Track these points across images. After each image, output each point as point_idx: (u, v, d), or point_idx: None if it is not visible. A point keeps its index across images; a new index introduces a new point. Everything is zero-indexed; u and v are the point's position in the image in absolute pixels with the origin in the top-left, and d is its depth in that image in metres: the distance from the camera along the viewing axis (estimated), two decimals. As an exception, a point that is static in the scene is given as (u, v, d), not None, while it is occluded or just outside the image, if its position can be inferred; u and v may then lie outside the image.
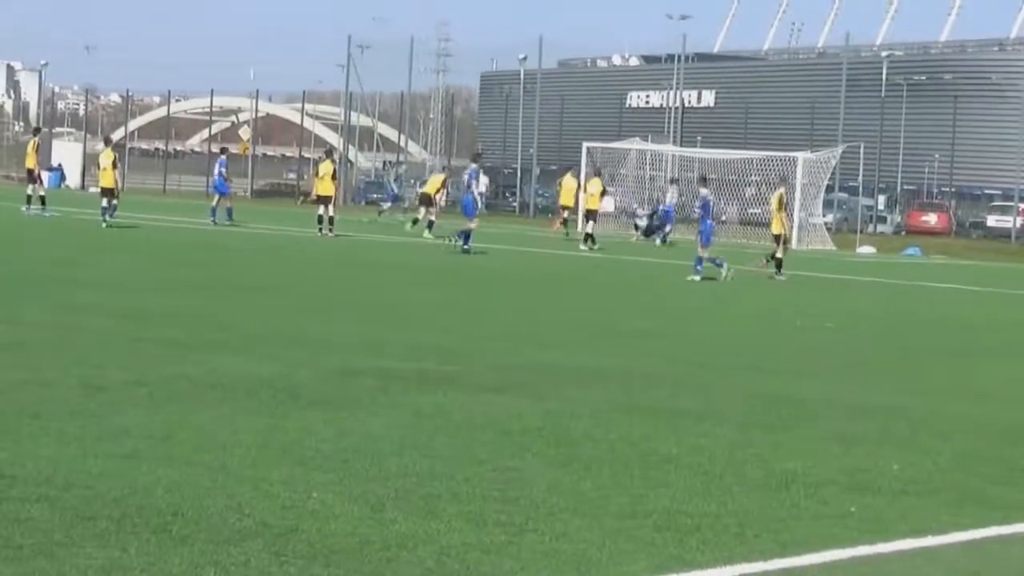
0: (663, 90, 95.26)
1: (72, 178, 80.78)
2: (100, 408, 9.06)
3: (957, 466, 9.05)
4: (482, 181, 34.87)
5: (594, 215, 41.69)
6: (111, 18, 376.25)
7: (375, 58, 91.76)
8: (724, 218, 54.58)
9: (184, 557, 5.79)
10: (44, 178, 44.73)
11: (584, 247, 38.61)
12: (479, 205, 32.93)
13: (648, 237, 48.91)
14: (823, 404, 11.51)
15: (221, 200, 40.55)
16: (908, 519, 7.39)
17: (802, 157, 52.88)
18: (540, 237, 45.60)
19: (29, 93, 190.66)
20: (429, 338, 14.42)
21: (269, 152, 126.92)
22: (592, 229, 40.01)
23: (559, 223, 46.45)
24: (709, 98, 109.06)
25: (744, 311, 22.25)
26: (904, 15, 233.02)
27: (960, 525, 7.34)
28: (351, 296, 20.17)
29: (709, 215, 29.35)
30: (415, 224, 40.54)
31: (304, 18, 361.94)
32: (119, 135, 69.32)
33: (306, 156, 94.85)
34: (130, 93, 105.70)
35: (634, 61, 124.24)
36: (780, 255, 30.21)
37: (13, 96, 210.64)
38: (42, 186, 39.61)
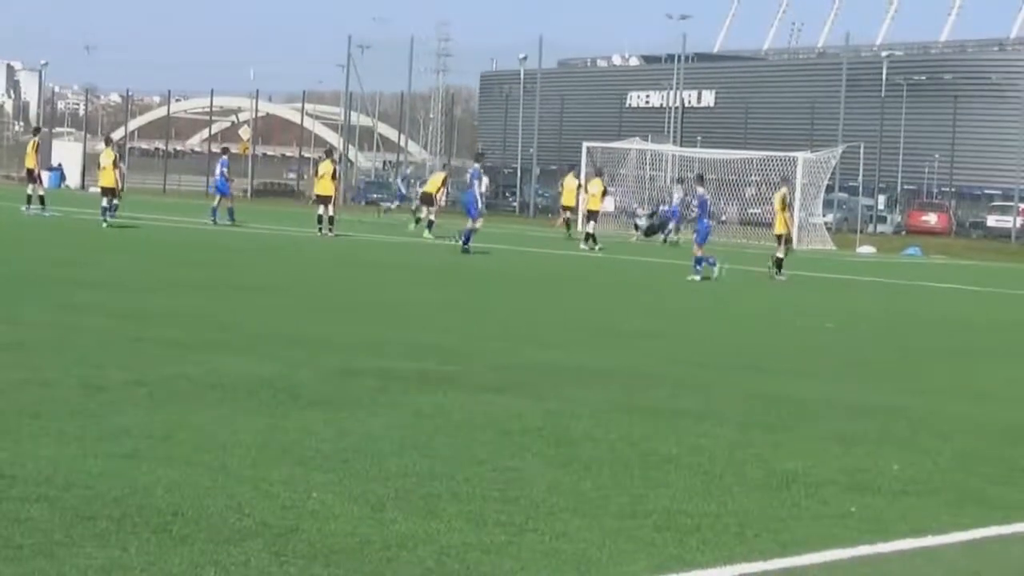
0: (663, 90, 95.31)
1: (72, 178, 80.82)
2: (100, 408, 9.06)
3: (957, 466, 9.05)
4: (483, 181, 34.81)
5: (595, 215, 41.77)
6: (111, 18, 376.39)
7: (375, 58, 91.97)
8: (724, 218, 54.60)
9: (184, 557, 5.79)
10: (44, 178, 44.75)
11: (584, 246, 38.63)
12: (480, 204, 32.87)
13: (649, 237, 48.91)
14: (823, 404, 11.51)
15: (222, 200, 40.53)
16: (908, 519, 7.39)
17: (802, 157, 52.89)
18: (540, 237, 45.59)
19: (29, 93, 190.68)
20: (429, 338, 14.41)
21: (269, 152, 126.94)
22: (593, 229, 40.05)
23: (561, 221, 46.48)
24: (709, 98, 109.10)
25: (744, 311, 22.25)
26: (904, 15, 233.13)
27: (960, 525, 7.34)
28: (351, 296, 20.17)
29: (706, 214, 29.39)
30: (418, 224, 40.56)
31: (304, 18, 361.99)
32: (119, 135, 69.26)
33: (306, 156, 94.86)
34: (130, 93, 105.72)
35: (634, 61, 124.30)
36: (781, 255, 30.21)
37: (13, 96, 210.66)
38: (41, 186, 39.58)
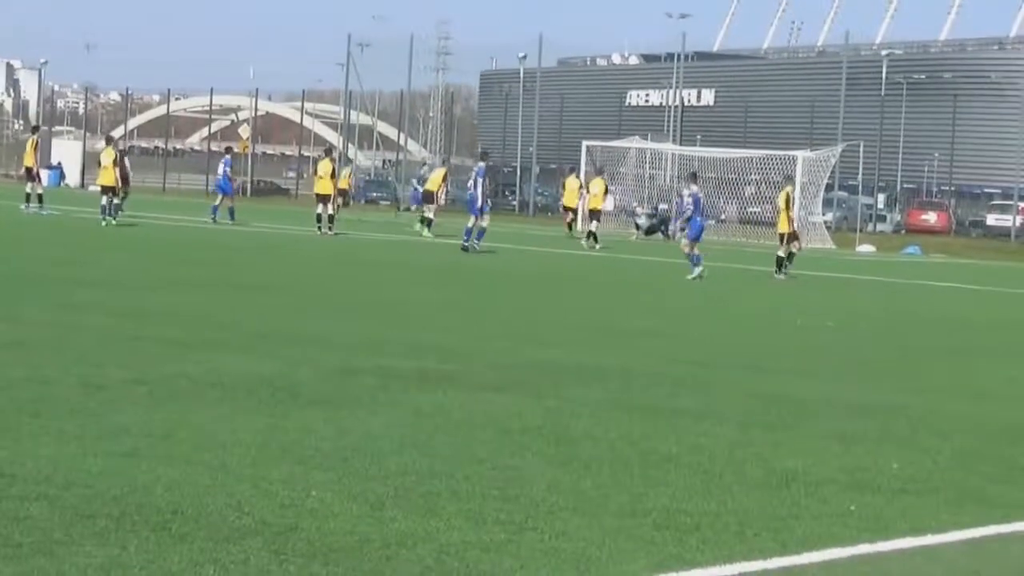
0: (663, 89, 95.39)
1: (72, 176, 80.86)
2: (100, 406, 9.06)
3: (957, 465, 9.05)
4: (484, 181, 34.83)
5: (598, 214, 41.84)
6: (111, 17, 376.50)
7: (375, 56, 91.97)
8: (724, 217, 54.64)
9: (184, 555, 5.79)
10: (43, 176, 44.74)
11: (585, 243, 38.67)
12: (480, 203, 32.82)
13: (649, 236, 48.94)
14: (823, 403, 11.50)
15: (224, 199, 40.52)
16: (908, 517, 7.38)
17: (802, 156, 52.93)
18: (540, 236, 45.60)
19: (29, 91, 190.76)
20: (429, 337, 14.40)
21: (269, 151, 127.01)
22: (595, 228, 40.12)
23: (570, 218, 46.42)
24: (709, 97, 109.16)
25: (744, 311, 22.25)
26: (904, 14, 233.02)
27: (960, 524, 7.33)
28: (351, 295, 20.16)
29: (699, 212, 29.42)
30: (422, 223, 40.63)
31: (304, 17, 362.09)
32: (119, 133, 69.29)
33: (306, 155, 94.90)
34: (130, 91, 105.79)
35: (634, 60, 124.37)
36: (782, 253, 30.20)
37: (13, 94, 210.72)
38: (40, 184, 39.58)
